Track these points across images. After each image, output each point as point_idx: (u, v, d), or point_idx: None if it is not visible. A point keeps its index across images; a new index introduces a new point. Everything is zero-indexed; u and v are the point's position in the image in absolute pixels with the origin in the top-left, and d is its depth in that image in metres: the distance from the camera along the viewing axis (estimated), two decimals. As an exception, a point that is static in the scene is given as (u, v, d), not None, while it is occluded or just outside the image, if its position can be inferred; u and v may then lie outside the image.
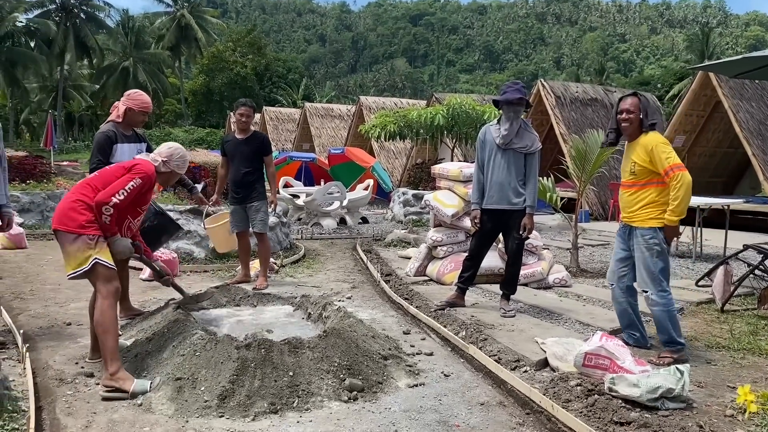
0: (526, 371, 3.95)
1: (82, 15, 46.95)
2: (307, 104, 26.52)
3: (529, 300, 5.71)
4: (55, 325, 4.92)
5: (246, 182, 6.27)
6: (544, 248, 6.95)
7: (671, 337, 4.18)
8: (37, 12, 46.56)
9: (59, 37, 44.37)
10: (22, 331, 4.43)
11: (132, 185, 3.67)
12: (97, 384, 3.64)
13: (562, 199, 7.76)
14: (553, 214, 11.70)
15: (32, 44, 45.46)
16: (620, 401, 3.34)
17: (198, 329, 3.92)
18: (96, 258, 3.57)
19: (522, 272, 5.70)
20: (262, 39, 61.09)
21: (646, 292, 4.21)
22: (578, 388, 3.56)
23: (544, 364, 4.05)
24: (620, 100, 4.35)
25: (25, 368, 3.75)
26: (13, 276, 6.77)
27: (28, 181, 10.78)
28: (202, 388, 3.40)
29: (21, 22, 45.25)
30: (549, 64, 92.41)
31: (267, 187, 6.44)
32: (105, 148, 4.73)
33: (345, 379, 3.56)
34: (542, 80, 16.14)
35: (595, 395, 3.44)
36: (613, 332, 4.71)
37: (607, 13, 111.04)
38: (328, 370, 3.59)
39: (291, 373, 3.48)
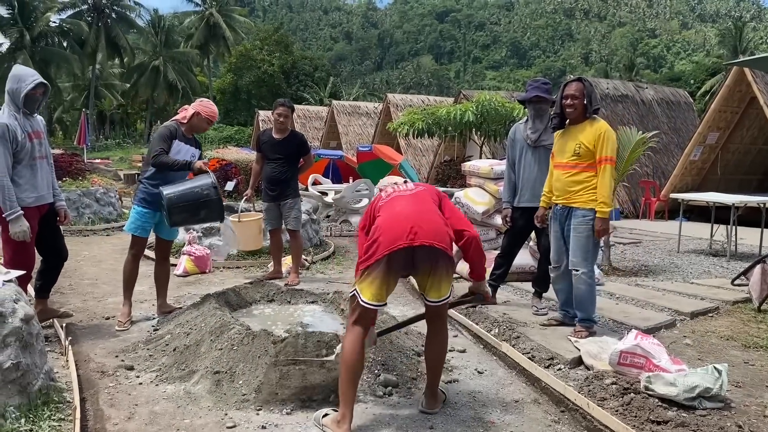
0: (560, 369, 3.95)
1: (113, 15, 47.67)
2: (334, 102, 26.62)
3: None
4: (95, 319, 5.05)
5: (280, 180, 6.33)
6: (576, 246, 6.89)
7: (589, 314, 4.44)
8: (69, 12, 47.43)
9: (91, 37, 45.12)
10: (64, 325, 4.57)
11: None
12: (137, 377, 3.74)
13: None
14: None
15: (65, 44, 46.32)
16: (657, 400, 3.32)
17: (235, 324, 3.99)
18: None
19: (554, 270, 5.67)
20: (288, 37, 61.40)
21: (578, 270, 4.36)
22: (613, 386, 3.54)
23: (578, 362, 4.04)
24: (565, 85, 4.43)
25: (68, 361, 3.86)
26: (52, 271, 6.93)
27: (64, 179, 11.02)
28: (240, 382, 3.46)
29: (54, 22, 46.14)
30: (577, 60, 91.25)
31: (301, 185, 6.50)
32: (167, 140, 4.77)
33: (379, 375, 3.59)
34: (570, 76, 15.99)
35: (631, 394, 3.42)
36: (648, 331, 4.69)
37: (636, 8, 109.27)
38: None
39: (326, 369, 3.52)
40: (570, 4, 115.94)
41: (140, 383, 3.65)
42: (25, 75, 4.20)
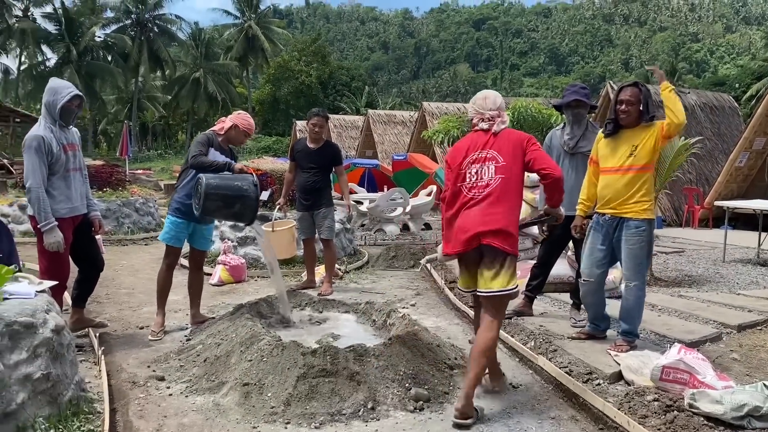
0: (599, 384, 3.80)
1: (155, 29, 48.93)
2: (370, 111, 26.68)
3: (600, 309, 5.50)
4: (129, 328, 5.08)
5: (314, 189, 6.32)
6: (616, 256, 6.69)
7: (634, 327, 4.28)
8: (114, 27, 48.88)
9: (134, 51, 46.37)
10: (98, 334, 4.61)
11: None
12: (168, 387, 3.73)
13: (634, 204, 7.47)
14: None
15: (109, 58, 47.73)
16: (702, 418, 3.16)
17: (265, 335, 3.95)
18: None
19: (593, 280, 5.51)
20: (326, 48, 61.95)
21: (630, 282, 4.18)
22: (655, 403, 3.39)
23: (618, 377, 3.88)
24: (620, 89, 4.23)
25: (100, 371, 3.87)
26: (91, 280, 7.04)
27: (104, 189, 11.22)
28: (269, 394, 3.42)
29: (99, 37, 47.60)
30: (617, 65, 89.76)
31: (335, 194, 6.49)
32: (205, 144, 4.79)
33: (411, 389, 3.51)
34: (610, 82, 15.69)
35: (675, 411, 3.26)
36: (692, 344, 4.50)
37: (678, 12, 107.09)
38: (394, 378, 3.55)
39: (356, 382, 3.46)
40: (609, 10, 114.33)
41: (170, 394, 3.63)
42: (61, 87, 4.26)
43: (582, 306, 5.15)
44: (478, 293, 3.56)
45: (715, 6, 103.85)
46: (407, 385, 3.54)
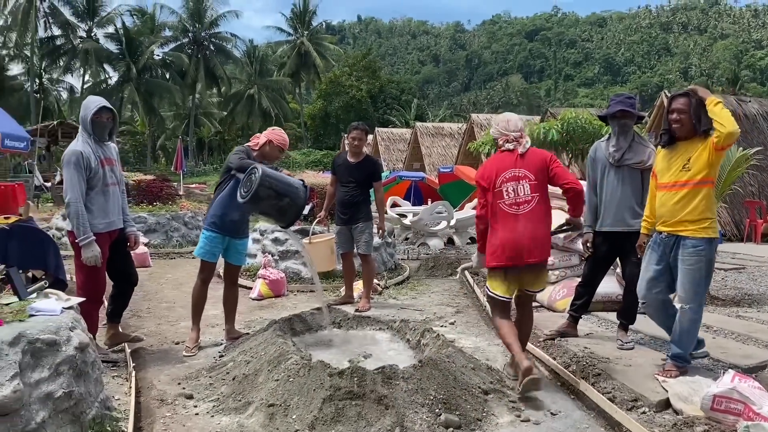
0: (644, 412, 3.55)
1: (211, 47, 50.28)
2: (418, 124, 26.66)
3: (650, 330, 5.19)
4: (165, 343, 5.09)
5: (353, 203, 6.26)
6: (668, 273, 6.36)
7: (685, 351, 4.01)
8: (171, 46, 50.46)
9: (191, 68, 47.73)
10: (132, 350, 4.62)
11: None
12: (195, 406, 3.68)
13: (688, 219, 7.11)
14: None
15: (167, 75, 49.25)
16: (757, 455, 2.90)
17: (294, 354, 3.87)
18: None
19: (642, 300, 5.23)
20: (376, 62, 62.39)
21: (685, 306, 3.88)
22: (706, 435, 3.14)
23: (666, 405, 3.62)
24: (671, 99, 3.98)
25: (130, 387, 3.86)
26: (135, 294, 7.08)
27: (154, 203, 11.48)
28: (294, 416, 3.32)
29: (158, 55, 49.24)
30: (675, 75, 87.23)
31: (373, 209, 6.42)
32: (245, 153, 4.81)
33: (441, 414, 3.35)
34: (666, 91, 15.16)
35: (727, 446, 3.01)
36: (749, 370, 4.19)
37: (740, 18, 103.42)
38: (423, 403, 3.40)
39: (383, 406, 3.32)
40: (667, 18, 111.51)
41: (197, 413, 3.58)
42: (90, 102, 4.34)
43: (630, 327, 4.90)
44: (527, 292, 4.14)
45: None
46: (437, 410, 3.38)
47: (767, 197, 13.56)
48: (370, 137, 29.08)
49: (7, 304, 3.22)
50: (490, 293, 4.06)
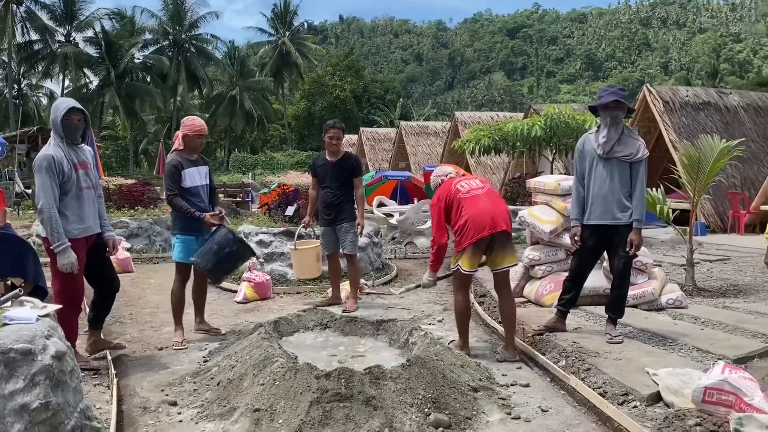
0: (635, 406, 3.52)
1: (192, 49, 49.80)
2: (403, 123, 26.59)
3: (638, 324, 5.18)
4: (148, 349, 4.98)
5: (336, 204, 6.19)
6: (655, 265, 6.35)
7: None
8: (152, 49, 49.94)
9: (172, 71, 47.26)
10: (114, 357, 4.52)
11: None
12: (179, 413, 3.59)
13: (674, 210, 7.11)
14: (664, 227, 10.88)
15: (148, 79, 48.77)
16: (750, 446, 2.86)
17: (279, 357, 3.79)
18: None
19: (630, 293, 5.21)
20: (360, 62, 62.20)
21: None
22: (698, 428, 3.12)
23: (657, 398, 3.59)
24: None
25: (112, 395, 3.76)
26: (117, 300, 6.91)
27: (136, 208, 11.30)
28: (280, 421, 3.24)
29: (138, 58, 48.72)
30: (656, 69, 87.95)
31: (367, 206, 6.35)
32: (174, 177, 5.00)
33: (430, 414, 3.29)
34: (648, 85, 15.22)
35: (719, 438, 2.98)
36: (739, 361, 4.17)
37: (718, 12, 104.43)
38: (412, 403, 3.34)
39: (372, 407, 3.26)
40: (646, 13, 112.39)
41: (180, 420, 3.49)
42: (60, 103, 4.23)
43: (619, 320, 4.87)
44: (499, 270, 4.60)
45: (758, 5, 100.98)
46: (426, 409, 3.32)
47: (750, 189, 13.66)
48: (354, 137, 29.03)
49: (-20, 314, 3.11)
50: (459, 269, 4.51)
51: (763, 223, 12.24)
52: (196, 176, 5.09)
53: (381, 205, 12.83)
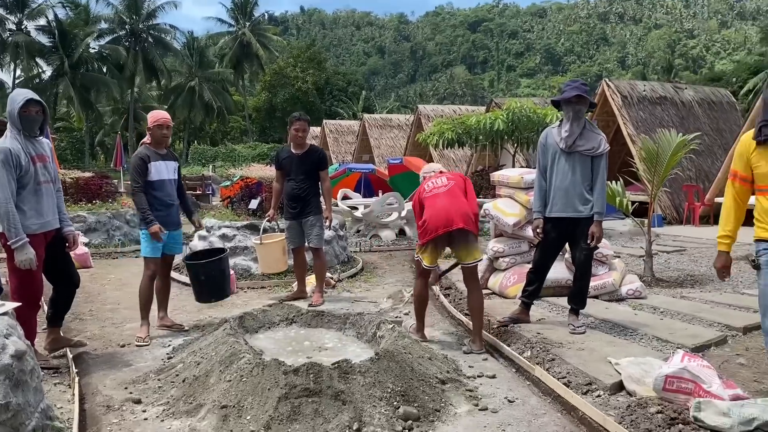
0: (599, 396, 3.60)
1: (150, 39, 48.69)
2: (366, 115, 26.53)
3: (600, 314, 5.30)
4: (110, 346, 4.88)
5: (301, 197, 6.14)
6: (615, 256, 6.49)
7: None
8: (108, 38, 48.65)
9: (129, 61, 46.16)
10: (75, 355, 4.41)
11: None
12: (144, 411, 3.53)
13: (633, 203, 7.28)
14: (623, 219, 11.13)
15: (104, 69, 47.53)
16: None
17: (246, 353, 3.76)
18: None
19: (592, 284, 5.32)
20: (321, 54, 61.80)
21: None
22: (659, 415, 3.19)
23: (619, 387, 3.67)
24: None
25: (74, 395, 3.67)
26: (76, 296, 6.78)
27: (94, 201, 11.03)
28: (248, 417, 3.22)
29: (93, 48, 47.41)
30: (613, 64, 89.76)
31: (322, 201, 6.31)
32: (140, 170, 4.95)
33: (399, 407, 3.30)
34: (607, 80, 15.51)
35: (680, 424, 3.07)
36: (696, 349, 4.30)
37: (672, 9, 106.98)
38: (381, 396, 3.35)
39: (341, 401, 3.26)
40: (604, 8, 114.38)
41: (145, 419, 3.43)
42: (17, 95, 4.08)
43: (581, 311, 4.97)
44: (465, 266, 4.73)
45: (710, 2, 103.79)
46: (395, 403, 3.34)
47: (704, 181, 14.06)
48: (318, 130, 28.85)
49: (-66, 313, 3.00)
50: (421, 262, 4.76)
51: (717, 215, 12.63)
52: (163, 170, 5.03)
53: (345, 198, 12.80)
